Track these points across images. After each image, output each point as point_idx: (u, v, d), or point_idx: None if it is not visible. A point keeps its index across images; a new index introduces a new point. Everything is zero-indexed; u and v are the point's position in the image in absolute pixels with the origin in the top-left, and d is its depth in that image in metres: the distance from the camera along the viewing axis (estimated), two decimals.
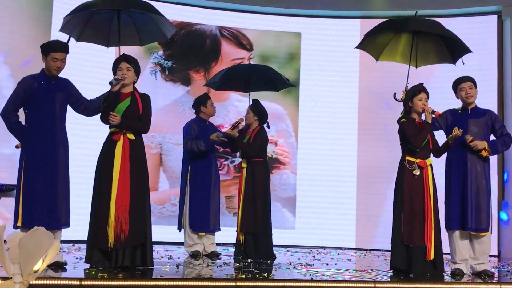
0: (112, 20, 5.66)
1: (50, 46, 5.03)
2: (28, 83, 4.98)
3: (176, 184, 8.75)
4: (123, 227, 4.81)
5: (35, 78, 5.03)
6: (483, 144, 5.36)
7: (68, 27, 5.56)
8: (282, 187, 9.32)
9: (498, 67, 8.90)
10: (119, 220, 4.81)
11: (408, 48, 5.89)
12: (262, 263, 5.91)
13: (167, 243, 7.86)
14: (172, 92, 9.15)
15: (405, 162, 5.33)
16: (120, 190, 4.85)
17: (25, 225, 4.72)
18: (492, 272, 5.37)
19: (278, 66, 8.85)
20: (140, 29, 5.85)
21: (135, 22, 5.77)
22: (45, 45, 5.06)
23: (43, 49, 5.04)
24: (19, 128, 4.99)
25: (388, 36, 5.94)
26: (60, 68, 5.04)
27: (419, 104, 5.31)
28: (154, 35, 5.97)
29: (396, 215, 5.30)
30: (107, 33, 5.80)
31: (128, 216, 4.83)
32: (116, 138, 4.95)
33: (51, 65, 4.99)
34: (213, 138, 6.45)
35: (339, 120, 9.35)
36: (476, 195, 5.35)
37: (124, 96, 5.02)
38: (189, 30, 9.29)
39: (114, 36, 5.68)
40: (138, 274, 4.65)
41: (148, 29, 5.84)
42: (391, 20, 6.05)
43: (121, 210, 4.82)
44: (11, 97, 5.01)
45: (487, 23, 9.05)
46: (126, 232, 4.81)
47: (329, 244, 8.85)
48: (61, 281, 4.10)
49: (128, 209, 4.84)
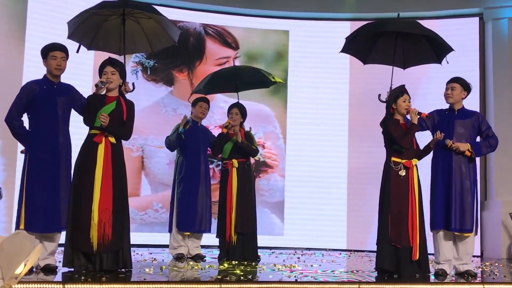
0: (121, 27, 5.58)
1: (48, 47, 5.04)
2: (30, 88, 5.00)
3: (159, 189, 8.65)
4: (107, 230, 4.78)
5: (37, 83, 5.04)
6: (466, 146, 5.38)
7: (76, 34, 5.53)
8: (270, 191, 9.13)
9: (480, 69, 8.99)
10: (102, 224, 4.77)
11: (392, 49, 5.91)
12: (247, 265, 5.89)
13: (151, 245, 7.81)
14: (154, 92, 8.89)
15: (391, 163, 5.34)
16: (103, 193, 4.81)
17: (28, 228, 4.73)
18: (475, 273, 5.40)
19: (265, 65, 8.66)
20: (149, 35, 5.81)
21: (144, 29, 5.73)
22: (43, 48, 5.07)
23: (42, 52, 5.05)
24: (23, 134, 5.00)
25: (372, 39, 5.96)
26: (61, 67, 5.03)
27: (403, 105, 5.33)
28: (163, 41, 5.90)
29: (383, 216, 5.30)
30: (118, 40, 5.72)
31: (111, 219, 4.80)
32: (97, 140, 4.90)
33: (52, 64, 5.00)
34: (184, 125, 6.36)
35: (329, 121, 9.20)
36: (460, 195, 5.37)
37: (110, 100, 4.98)
38: None
39: (126, 44, 5.60)
40: (121, 277, 4.61)
41: (157, 35, 5.81)
42: (371, 23, 6.08)
43: (104, 213, 4.78)
44: (14, 102, 5.01)
45: (469, 25, 9.12)
46: (109, 236, 4.78)
47: (320, 247, 8.77)
48: (44, 284, 4.04)
49: (111, 212, 4.81)
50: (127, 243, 4.98)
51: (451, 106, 5.58)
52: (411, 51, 6.00)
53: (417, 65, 6.22)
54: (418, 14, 9.01)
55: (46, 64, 5.04)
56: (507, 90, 8.79)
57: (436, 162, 5.52)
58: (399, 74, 6.05)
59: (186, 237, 6.55)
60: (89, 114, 4.91)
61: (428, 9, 9.18)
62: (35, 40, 7.65)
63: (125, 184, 5.04)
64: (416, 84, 8.33)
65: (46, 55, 5.02)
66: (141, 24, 5.69)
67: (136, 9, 5.48)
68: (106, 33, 5.71)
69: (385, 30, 5.77)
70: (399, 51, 5.91)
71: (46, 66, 5.05)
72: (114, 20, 5.60)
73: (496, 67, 8.83)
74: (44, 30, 7.85)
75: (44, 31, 7.78)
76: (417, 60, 6.12)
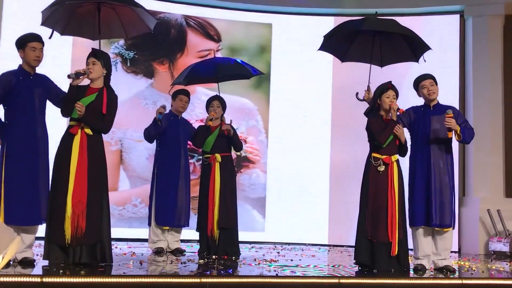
0: (97, 13, 5.56)
1: (26, 38, 4.94)
2: (7, 79, 4.89)
3: (138, 184, 8.53)
4: (80, 223, 4.73)
5: (13, 74, 4.93)
6: (456, 126, 5.34)
7: (50, 21, 5.47)
8: (252, 187, 9.03)
9: (460, 65, 9.07)
10: (76, 216, 4.72)
11: (370, 47, 5.92)
12: (227, 259, 5.87)
13: (130, 239, 7.74)
14: (134, 85, 8.72)
15: (371, 159, 5.37)
16: (77, 185, 4.76)
17: (8, 221, 4.68)
18: (453, 268, 5.45)
19: (248, 58, 8.51)
20: (124, 22, 5.78)
21: (119, 15, 5.69)
22: (20, 38, 4.96)
23: (19, 42, 4.95)
24: (0, 126, 4.90)
25: (350, 37, 5.99)
26: (40, 58, 4.96)
27: (387, 101, 5.36)
28: (138, 28, 5.90)
29: (361, 210, 5.35)
30: (92, 26, 5.70)
31: (85, 212, 4.75)
32: (73, 131, 4.86)
33: (30, 55, 4.91)
34: (159, 110, 6.32)
35: (312, 115, 9.14)
36: (439, 191, 5.40)
37: (91, 91, 4.94)
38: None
39: (101, 29, 5.58)
40: (100, 271, 4.56)
41: (132, 22, 5.78)
42: (349, 21, 6.10)
43: (78, 206, 4.73)
44: None
45: (450, 22, 9.17)
46: (83, 228, 4.73)
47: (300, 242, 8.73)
48: (22, 278, 3.97)
49: (86, 205, 4.76)
50: (107, 237, 4.92)
51: (427, 102, 5.60)
52: (389, 50, 6.03)
53: (394, 63, 6.24)
54: (399, 11, 9.05)
55: (24, 54, 4.93)
56: (486, 87, 8.88)
57: (415, 159, 5.54)
58: (385, 71, 6.05)
59: (166, 231, 6.51)
60: (67, 105, 4.84)
61: (409, 5, 9.22)
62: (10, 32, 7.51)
63: (104, 177, 4.99)
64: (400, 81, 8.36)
65: (24, 46, 4.92)
66: (116, 10, 5.65)
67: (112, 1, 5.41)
68: (80, 19, 5.66)
69: (362, 29, 5.78)
70: (376, 49, 5.93)
71: (23, 56, 4.94)
72: (88, 6, 5.55)
73: (475, 64, 8.91)
74: (19, 22, 7.67)
75: (20, 23, 7.58)
76: (395, 58, 6.15)
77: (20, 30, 5.57)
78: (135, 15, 5.68)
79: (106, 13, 5.58)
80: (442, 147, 5.45)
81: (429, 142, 5.44)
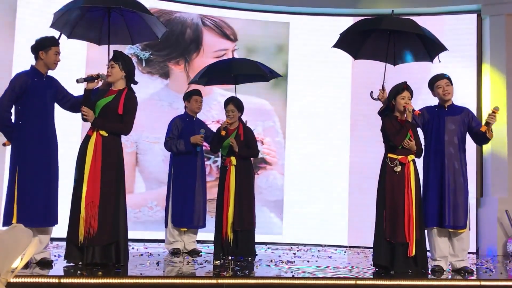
0: (104, 19, 5.61)
1: (52, 41, 4.98)
2: (23, 79, 4.91)
3: (153, 186, 8.49)
4: (93, 224, 4.77)
5: (28, 74, 4.96)
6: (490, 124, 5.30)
7: (59, 23, 5.50)
8: (269, 189, 8.92)
9: (477, 65, 8.97)
10: (89, 216, 4.77)
11: (385, 46, 5.90)
12: (243, 260, 5.87)
13: (147, 240, 7.76)
14: (150, 85, 8.62)
15: (387, 159, 5.35)
16: (90, 186, 4.81)
17: (22, 222, 4.65)
18: (471, 269, 5.40)
19: (265, 58, 8.30)
20: (131, 28, 5.80)
21: (127, 22, 5.72)
22: (45, 39, 4.98)
23: (43, 43, 4.95)
24: (11, 126, 4.92)
25: (364, 35, 5.97)
26: (58, 63, 5.01)
27: (401, 102, 5.34)
28: (145, 35, 5.94)
29: (379, 212, 5.34)
30: (98, 31, 5.77)
31: (98, 212, 4.78)
32: (89, 133, 4.97)
33: (53, 59, 4.96)
34: (195, 141, 6.36)
35: (330, 116, 9.00)
36: (453, 192, 5.37)
37: (111, 93, 5.00)
38: (168, 19, 8.73)
39: (107, 35, 5.60)
40: (117, 271, 4.58)
41: (139, 29, 5.81)
42: (366, 19, 6.08)
43: (90, 206, 4.78)
44: (6, 93, 4.90)
45: (467, 21, 9.09)
46: (95, 229, 4.77)
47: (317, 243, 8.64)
48: (40, 278, 4.03)
49: (98, 205, 4.79)
50: (123, 238, 4.94)
51: (441, 103, 5.56)
52: (403, 49, 6.00)
53: (407, 62, 6.21)
54: (415, 11, 8.98)
55: (46, 56, 4.93)
56: (503, 87, 8.78)
57: (428, 160, 5.51)
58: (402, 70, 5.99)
59: (182, 232, 6.52)
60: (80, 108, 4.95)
61: (426, 5, 9.15)
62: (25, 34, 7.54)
63: (120, 178, 5.00)
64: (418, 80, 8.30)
65: (48, 48, 4.93)
66: (124, 16, 5.66)
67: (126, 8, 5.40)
68: (87, 23, 5.70)
69: (379, 28, 5.76)
70: (390, 48, 5.90)
71: (43, 58, 4.94)
72: (97, 11, 5.59)
73: (493, 64, 8.82)
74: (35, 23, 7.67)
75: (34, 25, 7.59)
76: (409, 58, 6.12)
77: (34, 33, 5.61)
78: (143, 22, 5.70)
79: (114, 19, 5.60)
80: (456, 147, 5.42)
81: (444, 142, 5.40)
